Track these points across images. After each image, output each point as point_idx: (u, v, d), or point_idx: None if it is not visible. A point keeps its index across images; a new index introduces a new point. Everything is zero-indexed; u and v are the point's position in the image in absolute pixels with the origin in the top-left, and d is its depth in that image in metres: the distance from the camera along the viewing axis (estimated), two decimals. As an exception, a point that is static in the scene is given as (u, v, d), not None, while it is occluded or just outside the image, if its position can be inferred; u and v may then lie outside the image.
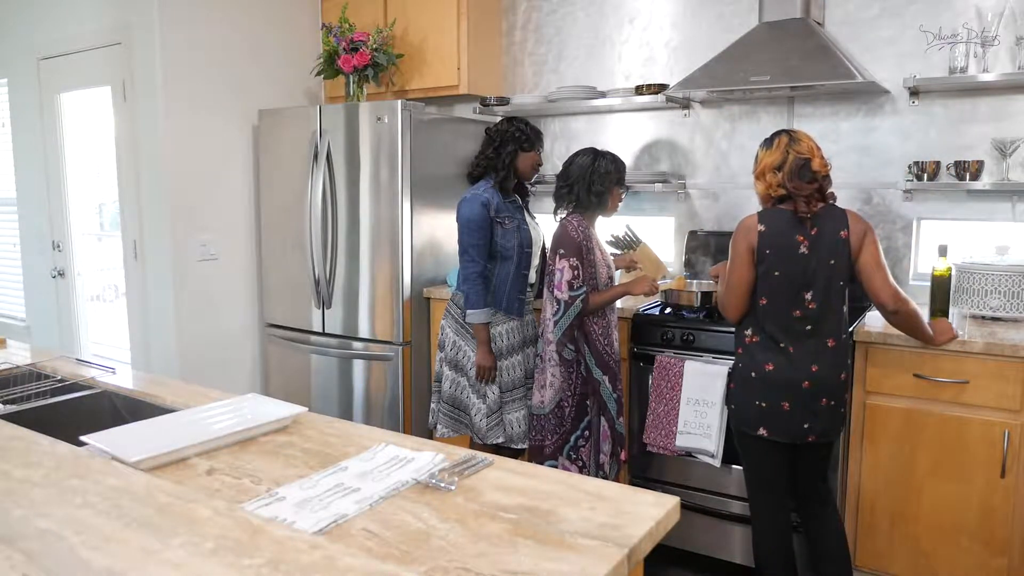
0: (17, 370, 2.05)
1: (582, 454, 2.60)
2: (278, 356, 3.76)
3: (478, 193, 2.69)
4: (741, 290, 2.20)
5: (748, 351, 2.24)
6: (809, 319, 2.15)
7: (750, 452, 2.31)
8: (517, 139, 2.70)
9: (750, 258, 2.18)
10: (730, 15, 3.24)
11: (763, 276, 2.17)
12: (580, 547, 1.04)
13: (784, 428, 2.18)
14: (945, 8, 2.83)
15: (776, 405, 2.17)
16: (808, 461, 2.29)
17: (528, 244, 2.74)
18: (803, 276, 2.14)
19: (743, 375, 2.25)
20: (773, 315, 2.17)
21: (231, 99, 3.63)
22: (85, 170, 4.07)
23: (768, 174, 2.18)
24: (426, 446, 1.44)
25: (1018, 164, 2.74)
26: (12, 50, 4.24)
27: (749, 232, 2.18)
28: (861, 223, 2.17)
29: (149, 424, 1.51)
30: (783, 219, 2.16)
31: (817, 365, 2.15)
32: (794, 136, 2.18)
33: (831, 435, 2.23)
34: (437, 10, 3.57)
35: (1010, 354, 2.29)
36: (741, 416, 2.27)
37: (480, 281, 2.67)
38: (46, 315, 4.36)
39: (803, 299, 2.14)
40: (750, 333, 2.24)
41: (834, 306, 2.16)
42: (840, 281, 2.15)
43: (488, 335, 2.69)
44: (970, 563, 2.41)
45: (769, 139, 2.23)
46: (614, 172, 2.60)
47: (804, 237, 2.13)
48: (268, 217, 3.72)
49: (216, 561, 0.93)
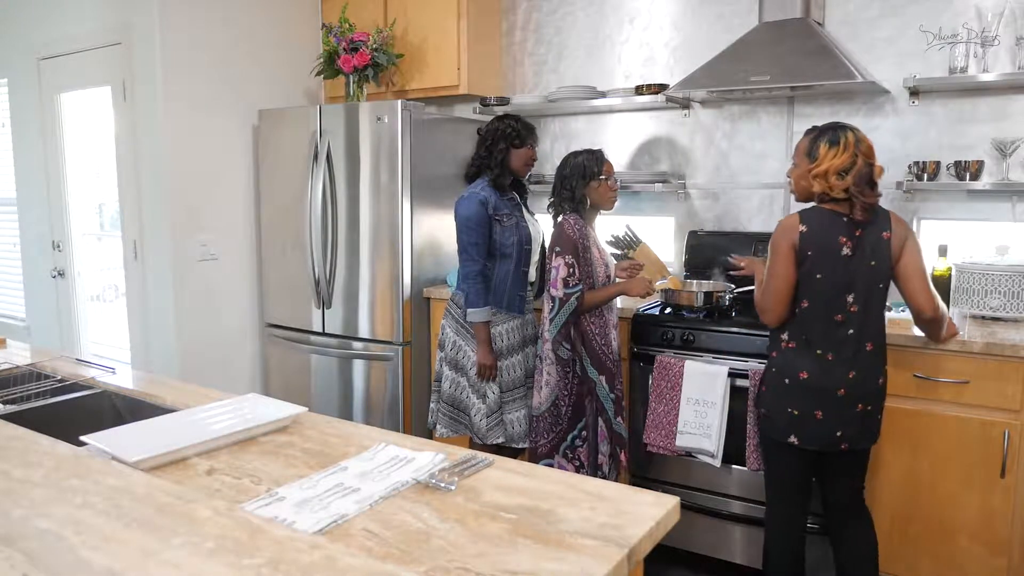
0: (17, 370, 2.05)
1: (579, 454, 2.60)
2: (278, 356, 3.76)
3: (475, 192, 2.69)
4: (783, 292, 2.11)
5: (784, 356, 2.16)
6: (851, 323, 2.08)
7: (776, 458, 2.26)
8: (508, 136, 2.70)
9: (793, 257, 2.09)
10: (730, 15, 3.24)
11: (804, 278, 2.09)
12: (580, 547, 1.04)
13: (816, 436, 2.13)
14: (945, 8, 2.83)
15: (809, 413, 2.11)
16: (839, 470, 2.23)
17: (527, 241, 2.74)
18: (845, 279, 2.06)
19: (776, 381, 2.18)
20: (814, 319, 2.10)
21: (231, 99, 3.63)
22: (85, 170, 4.07)
23: (833, 176, 2.04)
24: (426, 446, 1.44)
25: (1018, 164, 2.74)
26: (12, 50, 4.24)
27: (790, 232, 2.09)
28: (903, 226, 2.11)
29: (149, 424, 1.51)
30: (826, 219, 2.07)
31: (855, 371, 2.09)
32: (857, 134, 2.07)
33: (864, 443, 2.17)
34: (437, 10, 3.57)
35: (1010, 354, 2.29)
36: (771, 423, 2.20)
37: (480, 280, 2.66)
38: (46, 315, 4.36)
39: (845, 302, 2.07)
40: (786, 338, 2.16)
41: (875, 309, 2.11)
42: (881, 284, 2.09)
43: (488, 334, 2.68)
44: (970, 563, 2.41)
45: (834, 136, 2.07)
46: (579, 169, 2.59)
47: (847, 238, 2.06)
48: (268, 217, 3.72)
49: (216, 561, 0.93)
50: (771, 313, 2.15)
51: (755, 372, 2.52)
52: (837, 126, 2.10)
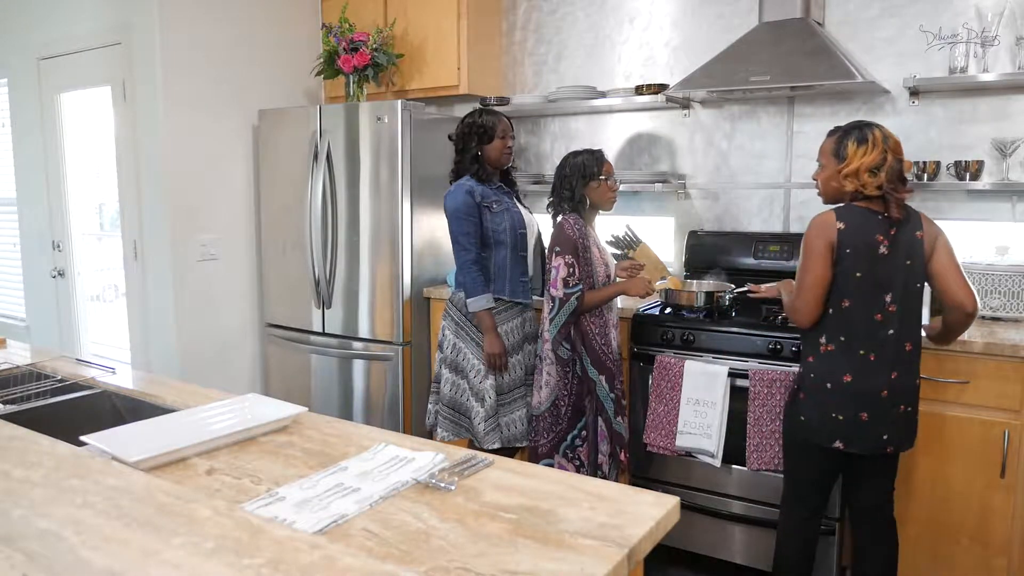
0: (17, 370, 2.05)
1: (579, 454, 2.60)
2: (278, 356, 3.76)
3: (460, 183, 2.69)
4: (818, 291, 2.06)
5: (823, 360, 2.10)
6: (891, 323, 2.04)
7: (805, 461, 2.21)
8: (477, 134, 2.70)
9: (829, 256, 2.04)
10: (730, 15, 3.24)
11: (843, 277, 2.04)
12: (580, 547, 1.04)
13: (862, 440, 2.08)
14: (945, 8, 2.83)
15: (855, 417, 2.06)
16: (875, 472, 2.20)
17: (521, 225, 2.73)
18: (883, 278, 2.03)
19: (816, 386, 2.11)
20: (855, 319, 2.05)
21: (231, 99, 3.63)
22: (85, 170, 4.07)
23: (864, 174, 2.02)
24: (426, 446, 1.44)
25: (1018, 164, 2.74)
26: (12, 50, 4.24)
27: (827, 229, 2.03)
28: (933, 225, 2.10)
29: (149, 424, 1.51)
30: (863, 217, 2.03)
31: (896, 371, 2.06)
32: (884, 131, 2.05)
33: (907, 444, 2.14)
34: (437, 10, 3.57)
35: (1010, 354, 2.29)
36: (813, 429, 2.12)
37: (475, 268, 2.65)
38: (46, 315, 4.36)
39: (883, 302, 2.04)
40: (824, 341, 2.09)
41: (913, 309, 2.08)
42: (917, 283, 2.07)
43: (493, 321, 2.65)
44: (970, 563, 2.41)
45: (861, 135, 2.05)
46: (579, 169, 2.59)
47: (884, 237, 2.02)
48: (268, 217, 3.72)
49: (216, 561, 0.93)
50: (806, 314, 2.09)
51: (755, 372, 2.53)
52: (862, 124, 2.08)
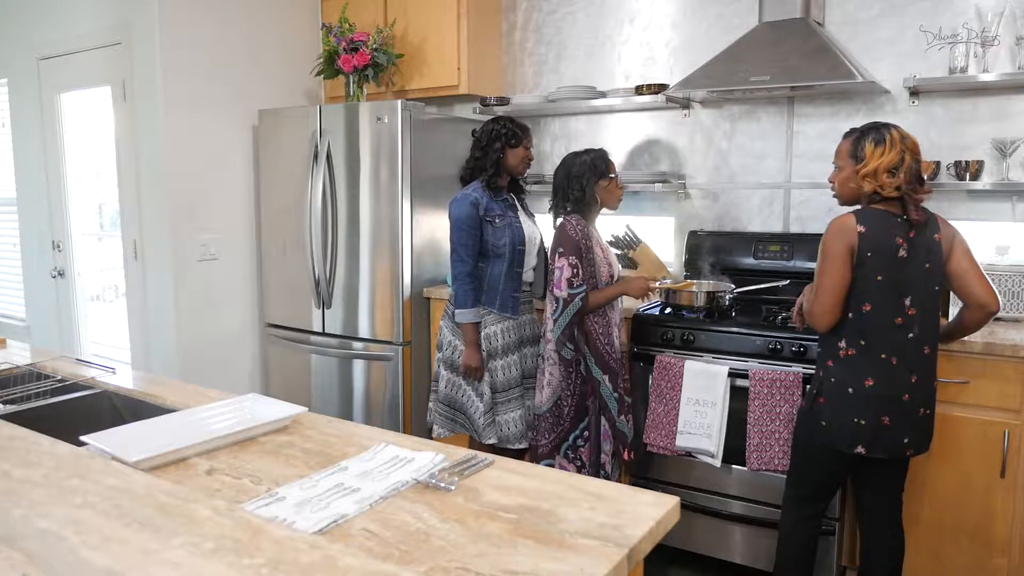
0: (17, 370, 2.05)
1: (581, 454, 2.60)
2: (278, 356, 3.76)
3: (467, 192, 2.71)
4: (837, 295, 2.04)
5: (843, 365, 2.08)
6: (911, 326, 2.04)
7: (818, 463, 2.20)
8: (503, 136, 2.71)
9: (849, 260, 2.02)
10: (730, 15, 3.24)
11: (863, 280, 2.02)
12: (580, 547, 1.04)
13: (884, 444, 2.06)
14: (945, 8, 2.83)
15: (876, 421, 2.05)
16: (888, 474, 2.20)
17: (521, 241, 2.74)
18: (903, 281, 2.02)
19: (836, 391, 2.09)
20: (876, 323, 2.04)
21: (231, 99, 3.63)
22: (85, 170, 4.07)
23: (883, 175, 2.01)
24: (426, 446, 1.44)
25: (1018, 164, 2.74)
26: (12, 50, 4.24)
27: (847, 232, 2.02)
28: (949, 226, 2.09)
29: (149, 424, 1.51)
30: (882, 220, 2.02)
31: (917, 375, 2.05)
32: (900, 131, 2.04)
33: (925, 447, 2.13)
34: (437, 10, 3.57)
35: (1010, 354, 2.29)
36: (834, 434, 2.10)
37: (468, 281, 2.67)
38: (46, 315, 4.36)
39: (903, 305, 2.03)
40: (844, 345, 2.08)
41: (931, 311, 2.07)
42: (935, 285, 2.06)
43: (476, 335, 2.68)
44: (970, 563, 2.41)
45: (878, 136, 2.04)
46: (590, 167, 2.60)
47: (903, 240, 2.01)
48: (268, 217, 3.72)
49: (216, 561, 0.93)
50: (825, 317, 2.07)
51: (755, 372, 2.53)
52: (879, 125, 2.08)
